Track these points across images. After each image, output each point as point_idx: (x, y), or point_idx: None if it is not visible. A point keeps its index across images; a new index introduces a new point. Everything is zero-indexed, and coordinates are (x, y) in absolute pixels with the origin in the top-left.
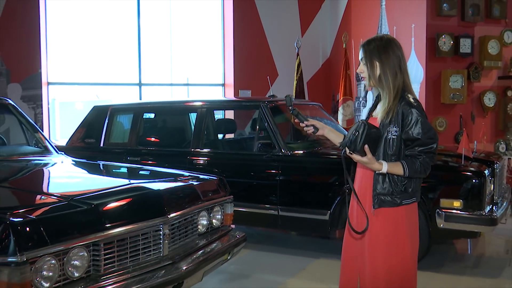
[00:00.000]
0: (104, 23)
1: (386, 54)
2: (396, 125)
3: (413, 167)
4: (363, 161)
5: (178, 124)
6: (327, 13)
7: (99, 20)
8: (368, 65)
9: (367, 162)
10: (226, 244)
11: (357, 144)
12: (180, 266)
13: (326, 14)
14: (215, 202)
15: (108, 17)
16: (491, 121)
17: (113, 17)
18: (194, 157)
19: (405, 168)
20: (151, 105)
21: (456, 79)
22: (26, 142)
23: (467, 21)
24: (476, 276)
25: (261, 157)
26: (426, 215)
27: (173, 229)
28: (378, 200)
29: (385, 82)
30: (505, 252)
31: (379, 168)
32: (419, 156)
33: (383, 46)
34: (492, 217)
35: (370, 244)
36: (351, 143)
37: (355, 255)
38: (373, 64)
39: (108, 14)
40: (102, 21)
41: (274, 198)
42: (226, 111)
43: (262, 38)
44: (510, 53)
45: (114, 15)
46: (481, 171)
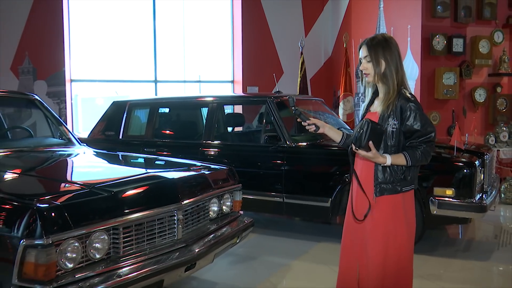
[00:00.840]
0: (122, 25)
1: (390, 51)
2: (395, 118)
3: (415, 157)
4: (368, 156)
5: (190, 118)
6: (329, 15)
7: (118, 22)
8: (374, 62)
9: (372, 157)
10: (235, 228)
11: (362, 140)
12: (193, 249)
13: (328, 15)
14: (225, 190)
15: (126, 19)
16: (481, 116)
17: (131, 19)
18: (205, 148)
19: (407, 158)
20: (166, 101)
21: (449, 76)
22: (51, 134)
23: (460, 22)
24: (466, 259)
25: (267, 149)
26: (421, 203)
27: (186, 214)
28: (379, 189)
29: (390, 79)
30: (493, 237)
31: (383, 161)
32: (419, 146)
33: (387, 45)
34: (482, 204)
35: (370, 230)
36: (357, 140)
37: (355, 242)
38: (379, 61)
39: (126, 16)
40: (121, 23)
41: (279, 187)
42: (235, 106)
43: (269, 38)
44: (500, 52)
45: (131, 17)
46: (472, 162)
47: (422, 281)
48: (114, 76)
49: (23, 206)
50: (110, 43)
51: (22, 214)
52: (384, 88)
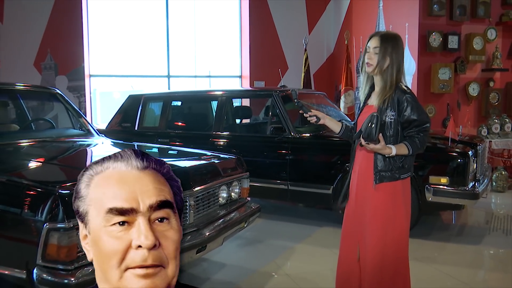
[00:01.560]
0: (137, 23)
1: (397, 50)
2: (392, 109)
3: (415, 145)
4: (377, 148)
5: (201, 110)
6: (331, 14)
7: (134, 20)
8: (381, 56)
9: (380, 149)
10: (243, 214)
11: (373, 135)
12: (203, 232)
13: (330, 14)
14: (233, 178)
15: (141, 17)
16: (474, 109)
17: (145, 17)
18: (215, 139)
19: (409, 147)
20: (178, 94)
21: (444, 72)
22: (72, 126)
23: (455, 20)
24: (459, 243)
25: (273, 139)
26: (417, 190)
27: (198, 200)
28: (379, 176)
29: (389, 75)
30: (485, 223)
31: (390, 152)
32: (417, 135)
33: (397, 43)
34: (474, 192)
35: (371, 216)
36: (368, 135)
37: (355, 228)
38: (385, 57)
39: (141, 15)
40: (136, 21)
41: (284, 175)
42: (243, 99)
43: (274, 35)
44: (493, 48)
45: (146, 16)
46: (466, 152)
47: (418, 263)
48: (130, 71)
49: (46, 192)
50: (126, 40)
51: (46, 199)
52: (382, 82)
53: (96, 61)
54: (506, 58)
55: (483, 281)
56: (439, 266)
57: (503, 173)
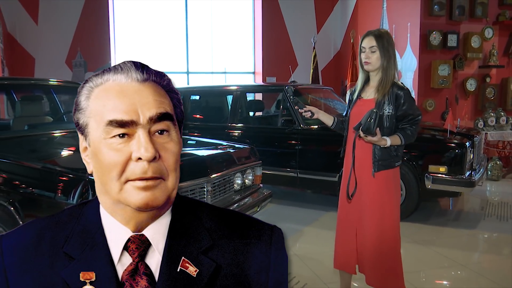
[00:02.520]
0: (159, 22)
1: (392, 46)
2: (390, 104)
3: (407, 136)
4: (374, 140)
5: (217, 104)
6: (338, 14)
7: (155, 20)
8: (382, 54)
9: (377, 141)
10: (256, 199)
11: (372, 128)
12: None
13: (337, 15)
14: (247, 166)
15: (162, 17)
16: (472, 103)
17: (166, 18)
18: (230, 130)
19: (402, 138)
20: (197, 89)
21: (443, 68)
22: None
23: (454, 20)
24: (456, 227)
25: (284, 131)
26: (417, 178)
27: (214, 186)
28: (377, 165)
29: (390, 70)
30: (480, 209)
31: (385, 143)
32: (410, 127)
33: (391, 40)
34: (471, 180)
35: (370, 201)
36: (367, 128)
37: (350, 214)
38: (384, 53)
39: (162, 15)
40: (158, 21)
41: (294, 163)
42: (256, 93)
43: (285, 35)
44: (490, 46)
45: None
46: (463, 143)
47: (417, 245)
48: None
49: (77, 178)
50: (148, 39)
51: (76, 184)
52: (381, 77)
53: (121, 58)
54: (502, 55)
55: (478, 262)
56: (437, 248)
57: (498, 163)
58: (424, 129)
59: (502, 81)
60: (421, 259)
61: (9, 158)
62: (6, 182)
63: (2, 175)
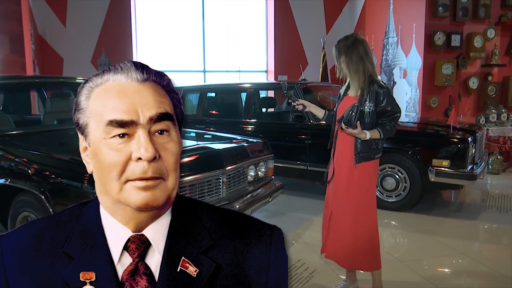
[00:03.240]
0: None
1: (356, 50)
2: (371, 101)
3: (386, 131)
4: (354, 132)
5: (232, 100)
6: (346, 15)
7: (174, 21)
8: (337, 63)
9: (357, 133)
10: (268, 190)
11: (352, 121)
12: (234, 205)
13: (346, 16)
14: (260, 159)
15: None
16: (474, 100)
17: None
18: (244, 125)
19: (381, 132)
20: (213, 87)
21: (447, 67)
22: None
23: (458, 21)
24: (458, 218)
25: (294, 126)
26: (421, 171)
27: (229, 178)
28: (359, 157)
29: (354, 73)
30: (481, 201)
31: (364, 136)
32: (389, 123)
33: (348, 45)
34: (472, 173)
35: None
36: (348, 120)
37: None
38: (340, 63)
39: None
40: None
41: (304, 157)
42: (268, 91)
43: (296, 35)
44: (492, 46)
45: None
46: (465, 138)
47: (421, 235)
48: (171, 67)
49: None
50: (168, 40)
51: None
52: (351, 79)
53: (143, 58)
54: (504, 54)
55: (478, 251)
56: (439, 238)
57: (499, 157)
58: (428, 124)
59: (504, 79)
60: (424, 248)
61: (40, 151)
62: (38, 172)
63: (33, 166)
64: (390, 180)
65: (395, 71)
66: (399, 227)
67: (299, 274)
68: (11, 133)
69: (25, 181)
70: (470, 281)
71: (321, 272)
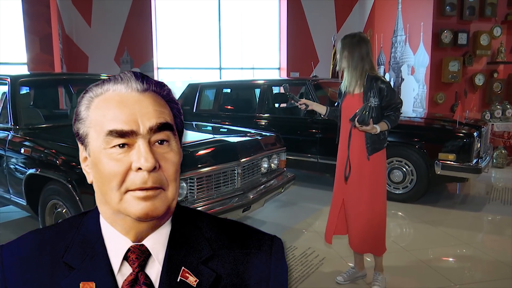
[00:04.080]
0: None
1: (359, 47)
2: (375, 97)
3: (392, 121)
4: (367, 129)
5: (247, 96)
6: (356, 14)
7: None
8: (341, 57)
9: (370, 130)
10: (280, 181)
11: (366, 120)
12: (248, 195)
13: (356, 15)
14: (273, 152)
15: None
16: (479, 96)
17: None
18: (258, 119)
19: (388, 124)
20: (228, 83)
21: (454, 64)
22: None
23: (465, 19)
24: (462, 210)
25: (306, 120)
26: (427, 165)
27: (244, 169)
28: (371, 149)
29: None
30: (485, 193)
31: (376, 131)
32: (394, 114)
33: (352, 43)
34: (477, 167)
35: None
36: (363, 120)
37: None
38: (342, 57)
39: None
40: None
41: (315, 150)
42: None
43: (308, 33)
44: (498, 44)
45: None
46: (471, 133)
47: (426, 225)
48: (189, 64)
49: None
50: (186, 38)
51: None
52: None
53: (162, 55)
54: (509, 52)
55: (481, 242)
56: (444, 228)
57: (503, 151)
58: (434, 120)
59: (509, 76)
60: (429, 238)
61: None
62: (65, 163)
63: (61, 157)
64: (398, 172)
65: (403, 68)
66: (405, 218)
67: (309, 261)
68: (41, 126)
69: (53, 171)
70: (473, 270)
71: (331, 259)
